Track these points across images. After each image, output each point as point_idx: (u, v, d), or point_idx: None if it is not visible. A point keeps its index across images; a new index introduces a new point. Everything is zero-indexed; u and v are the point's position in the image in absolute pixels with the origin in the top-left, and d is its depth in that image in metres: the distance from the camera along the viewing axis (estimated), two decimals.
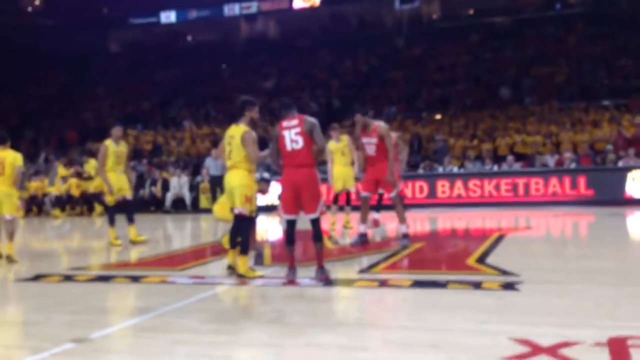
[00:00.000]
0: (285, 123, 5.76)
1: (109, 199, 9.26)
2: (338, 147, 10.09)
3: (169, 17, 35.75)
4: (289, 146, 5.67)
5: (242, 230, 5.99)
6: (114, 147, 9.24)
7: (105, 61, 36.55)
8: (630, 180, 13.81)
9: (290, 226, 5.80)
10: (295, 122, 5.72)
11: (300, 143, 5.63)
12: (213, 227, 12.90)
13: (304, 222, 6.05)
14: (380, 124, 8.12)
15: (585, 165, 15.10)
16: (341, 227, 10.40)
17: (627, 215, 11.95)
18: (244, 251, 5.95)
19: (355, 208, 9.90)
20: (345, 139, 10.22)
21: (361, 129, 8.05)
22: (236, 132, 6.00)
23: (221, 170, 15.39)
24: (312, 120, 5.77)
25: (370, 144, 8.02)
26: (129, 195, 9.41)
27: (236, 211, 6.03)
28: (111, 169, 9.19)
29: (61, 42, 33.11)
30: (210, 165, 15.48)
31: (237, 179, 5.98)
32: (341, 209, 10.81)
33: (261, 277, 5.97)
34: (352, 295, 5.34)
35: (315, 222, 5.73)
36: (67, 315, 4.78)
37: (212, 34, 37.35)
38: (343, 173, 10.08)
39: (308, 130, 5.66)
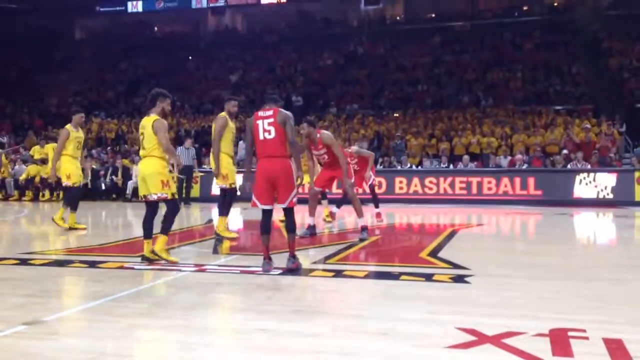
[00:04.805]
0: (260, 113, 5.85)
1: (72, 181, 9.29)
2: None
3: (135, 6, 35.05)
4: (261, 135, 5.76)
5: (167, 212, 6.19)
6: (75, 133, 9.27)
7: (70, 48, 35.75)
8: (578, 182, 14.37)
9: (266, 216, 5.84)
10: (269, 113, 5.79)
11: (272, 133, 5.71)
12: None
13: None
14: (323, 134, 8.31)
15: (536, 167, 15.64)
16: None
17: (573, 215, 12.44)
18: (165, 230, 6.15)
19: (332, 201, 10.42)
20: None
21: (310, 141, 8.25)
22: (147, 121, 6.14)
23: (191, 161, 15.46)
24: (287, 113, 5.85)
25: (319, 155, 8.40)
26: (81, 182, 9.59)
27: (154, 197, 6.14)
28: (73, 155, 9.24)
29: (25, 27, 32.11)
30: (182, 155, 15.35)
31: (150, 166, 6.11)
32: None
33: (175, 262, 6.09)
34: (308, 284, 5.43)
35: (289, 213, 5.84)
36: (21, 297, 4.71)
37: (179, 25, 36.90)
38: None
39: (281, 122, 5.73)
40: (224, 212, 8.29)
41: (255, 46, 32.18)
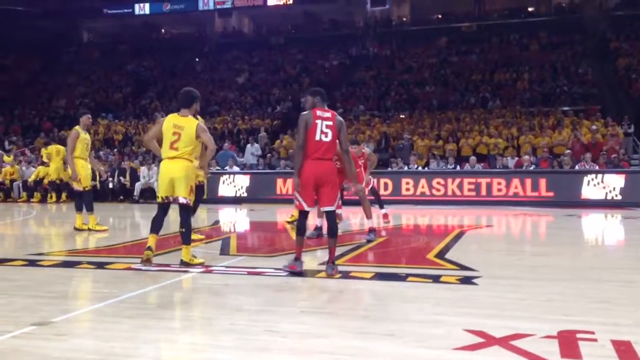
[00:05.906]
0: (319, 112, 5.72)
1: (82, 184, 9.35)
2: None
3: (142, 8, 35.33)
4: (318, 136, 5.63)
5: (184, 219, 6.13)
6: (83, 135, 9.35)
7: (77, 50, 36.08)
8: (586, 183, 14.31)
9: (304, 218, 5.80)
10: (328, 114, 5.74)
11: (329, 136, 5.64)
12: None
13: (268, 214, 6.10)
14: None
15: (543, 168, 15.57)
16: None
17: (582, 216, 12.39)
18: (187, 240, 6.09)
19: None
20: None
21: None
22: (187, 123, 6.10)
23: None
24: (341, 119, 5.87)
25: None
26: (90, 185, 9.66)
27: (182, 201, 6.11)
28: (81, 156, 9.32)
29: (33, 29, 32.42)
30: None
31: (182, 169, 6.06)
32: None
33: (202, 264, 6.10)
34: (315, 285, 5.43)
35: (331, 216, 5.77)
36: (29, 299, 4.75)
37: (186, 27, 37.14)
38: None
39: (338, 127, 5.71)
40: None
41: (261, 48, 32.31)
